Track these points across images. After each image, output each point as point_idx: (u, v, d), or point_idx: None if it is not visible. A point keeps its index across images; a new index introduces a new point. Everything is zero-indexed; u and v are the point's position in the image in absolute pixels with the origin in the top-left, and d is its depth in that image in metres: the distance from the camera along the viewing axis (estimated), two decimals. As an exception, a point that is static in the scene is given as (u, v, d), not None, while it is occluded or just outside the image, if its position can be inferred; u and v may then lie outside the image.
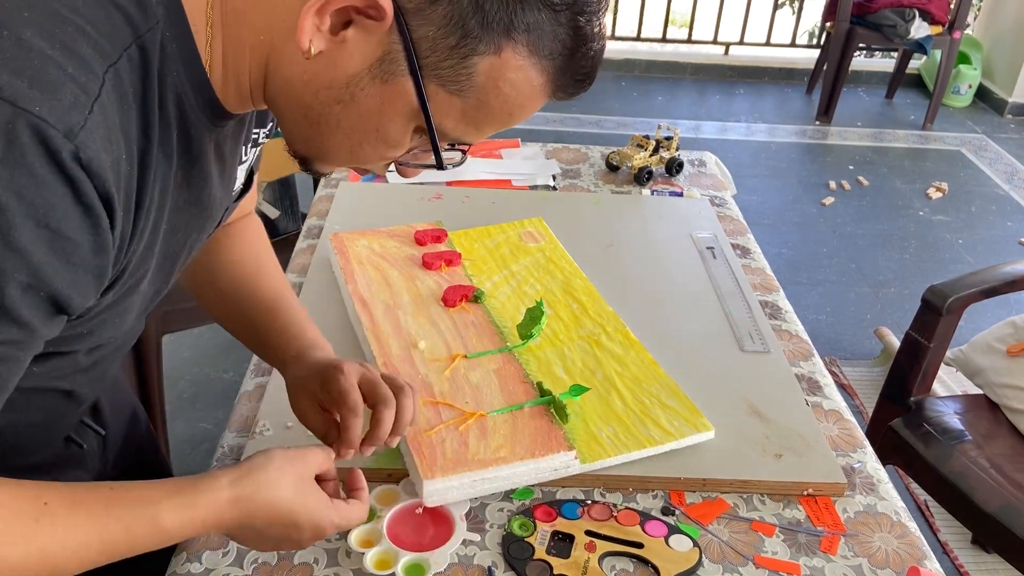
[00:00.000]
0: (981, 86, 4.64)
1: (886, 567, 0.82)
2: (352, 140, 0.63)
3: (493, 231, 1.31)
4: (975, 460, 1.45)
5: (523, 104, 0.61)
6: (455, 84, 0.58)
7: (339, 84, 0.59)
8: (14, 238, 0.49)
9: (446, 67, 0.58)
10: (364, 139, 0.63)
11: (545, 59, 0.58)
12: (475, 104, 0.60)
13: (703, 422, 0.93)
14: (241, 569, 0.78)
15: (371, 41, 0.57)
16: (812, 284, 2.89)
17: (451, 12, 0.55)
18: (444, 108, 0.60)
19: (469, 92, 0.59)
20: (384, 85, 0.59)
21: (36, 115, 0.48)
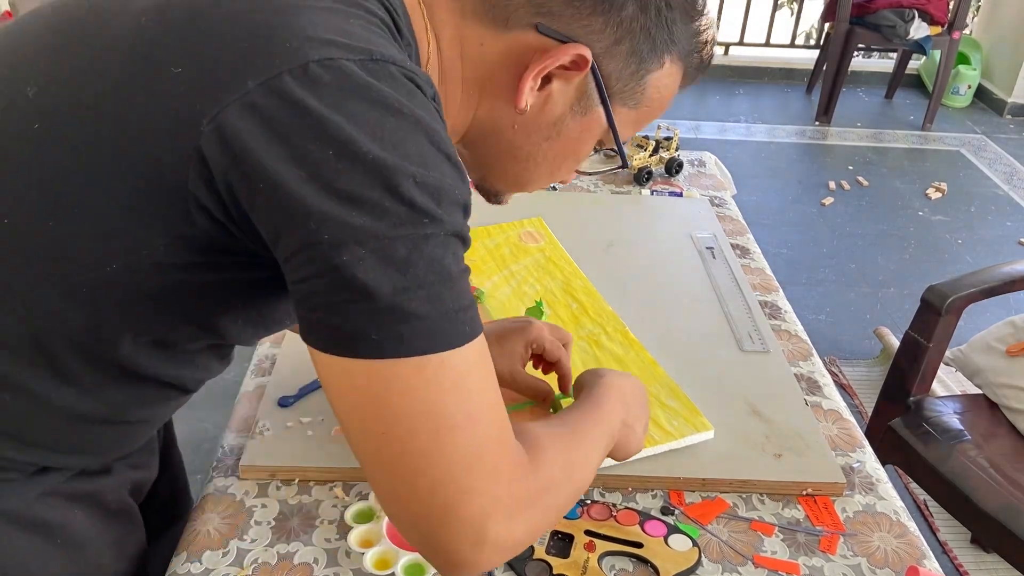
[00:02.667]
0: (980, 86, 4.64)
1: (885, 567, 0.82)
2: (554, 166, 0.73)
3: (493, 231, 1.31)
4: (974, 460, 1.46)
5: (670, 97, 0.72)
6: (632, 100, 0.70)
7: (547, 126, 0.69)
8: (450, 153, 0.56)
9: (627, 90, 0.69)
10: (563, 163, 0.74)
11: (685, 59, 0.70)
12: (643, 111, 0.71)
13: (703, 422, 0.93)
14: (241, 569, 0.78)
15: (571, 87, 0.67)
16: (812, 284, 2.89)
17: (631, 47, 0.66)
18: (623, 121, 0.71)
19: (640, 103, 0.70)
20: (583, 118, 0.69)
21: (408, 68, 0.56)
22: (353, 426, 0.56)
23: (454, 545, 0.56)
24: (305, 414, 0.94)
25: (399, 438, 0.54)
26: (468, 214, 0.57)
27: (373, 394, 0.53)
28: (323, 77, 0.52)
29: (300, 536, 0.81)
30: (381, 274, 0.52)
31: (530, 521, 0.59)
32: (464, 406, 0.55)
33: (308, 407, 0.95)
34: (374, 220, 0.51)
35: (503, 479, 0.56)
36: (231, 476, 0.88)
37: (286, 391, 0.97)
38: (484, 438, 0.56)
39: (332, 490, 0.86)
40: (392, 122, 0.53)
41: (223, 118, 0.52)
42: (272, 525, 0.82)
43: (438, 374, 0.54)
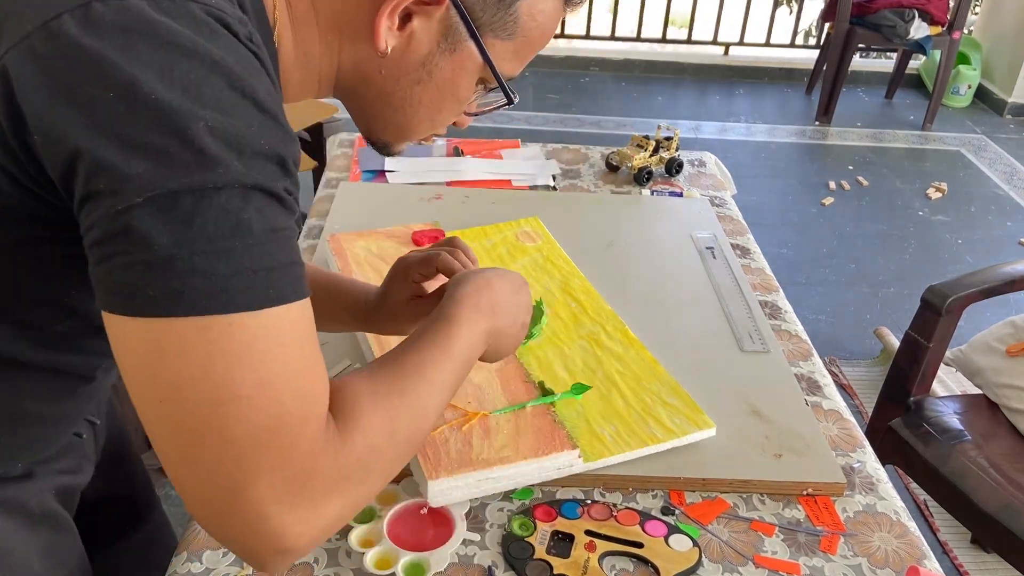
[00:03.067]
0: (980, 86, 4.64)
1: (885, 567, 0.82)
2: (432, 111, 0.70)
3: (490, 231, 1.31)
4: (974, 460, 1.46)
5: (553, 26, 0.69)
6: (504, 31, 0.66)
7: (415, 67, 0.66)
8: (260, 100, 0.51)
9: (496, 20, 0.65)
10: (443, 106, 0.70)
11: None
12: (521, 42, 0.68)
13: (704, 419, 0.93)
14: (241, 568, 0.78)
15: (433, 23, 0.64)
16: (812, 284, 2.89)
17: None
18: (499, 54, 0.67)
19: (515, 33, 0.67)
20: (452, 55, 0.66)
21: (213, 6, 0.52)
22: (133, 392, 0.51)
23: (245, 533, 0.51)
24: (305, 414, 0.94)
25: (178, 406, 0.49)
26: (287, 168, 0.53)
27: (150, 356, 0.49)
28: (105, 15, 0.48)
29: (300, 536, 0.81)
30: (161, 225, 0.47)
31: (344, 498, 0.55)
32: (255, 374, 0.49)
33: (308, 407, 0.95)
34: (157, 167, 0.47)
35: (302, 457, 0.51)
36: (231, 476, 0.88)
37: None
38: (279, 412, 0.50)
39: (332, 490, 0.86)
40: (184, 63, 0.49)
41: (3, 65, 0.49)
42: (272, 525, 0.82)
43: (224, 337, 0.49)
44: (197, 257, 0.48)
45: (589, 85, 4.56)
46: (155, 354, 0.49)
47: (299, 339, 0.52)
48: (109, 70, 0.48)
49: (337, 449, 0.54)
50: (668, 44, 5.00)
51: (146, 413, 0.50)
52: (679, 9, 5.07)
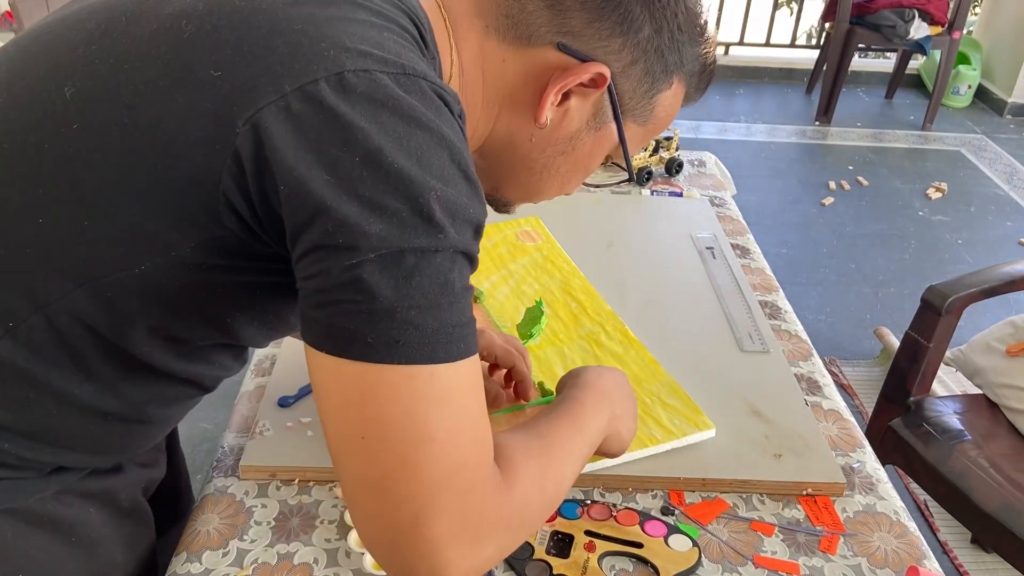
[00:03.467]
0: (980, 86, 4.64)
1: (885, 567, 0.82)
2: (565, 180, 0.76)
3: (490, 231, 1.31)
4: (974, 460, 1.46)
5: (674, 115, 0.76)
6: (642, 118, 0.73)
7: (563, 140, 0.72)
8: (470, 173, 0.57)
9: (639, 108, 0.72)
10: (575, 176, 0.77)
11: (689, 79, 0.73)
12: (650, 128, 0.75)
13: (704, 420, 0.93)
14: (241, 569, 0.78)
15: (587, 103, 0.70)
16: (812, 284, 2.89)
17: (646, 67, 0.69)
18: (631, 136, 0.74)
19: (649, 120, 0.74)
20: (596, 133, 0.72)
21: (438, 85, 0.58)
22: (333, 426, 0.56)
23: (416, 564, 0.55)
24: (305, 414, 0.94)
25: (378, 444, 0.54)
26: (480, 235, 0.58)
27: (359, 396, 0.54)
28: (357, 87, 0.54)
29: (300, 536, 0.81)
30: (387, 280, 0.52)
31: (499, 542, 0.59)
32: (447, 421, 0.55)
33: (308, 407, 0.95)
34: (390, 229, 0.52)
35: (475, 499, 0.56)
36: (231, 476, 0.88)
37: (286, 391, 0.97)
38: (462, 456, 0.55)
39: (332, 490, 0.86)
40: (419, 136, 0.54)
41: (258, 119, 0.53)
42: (272, 525, 0.82)
43: (427, 385, 0.54)
44: (414, 311, 0.53)
45: (589, 85, 4.56)
46: (366, 395, 0.54)
47: (476, 389, 0.58)
48: (358, 136, 0.52)
49: (502, 494, 0.59)
50: (668, 44, 4.99)
51: (342, 446, 0.56)
52: (679, 9, 5.07)
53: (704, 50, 0.72)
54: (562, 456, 0.68)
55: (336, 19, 0.57)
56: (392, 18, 0.61)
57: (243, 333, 0.68)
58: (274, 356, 1.04)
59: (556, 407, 0.75)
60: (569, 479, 0.69)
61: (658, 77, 0.70)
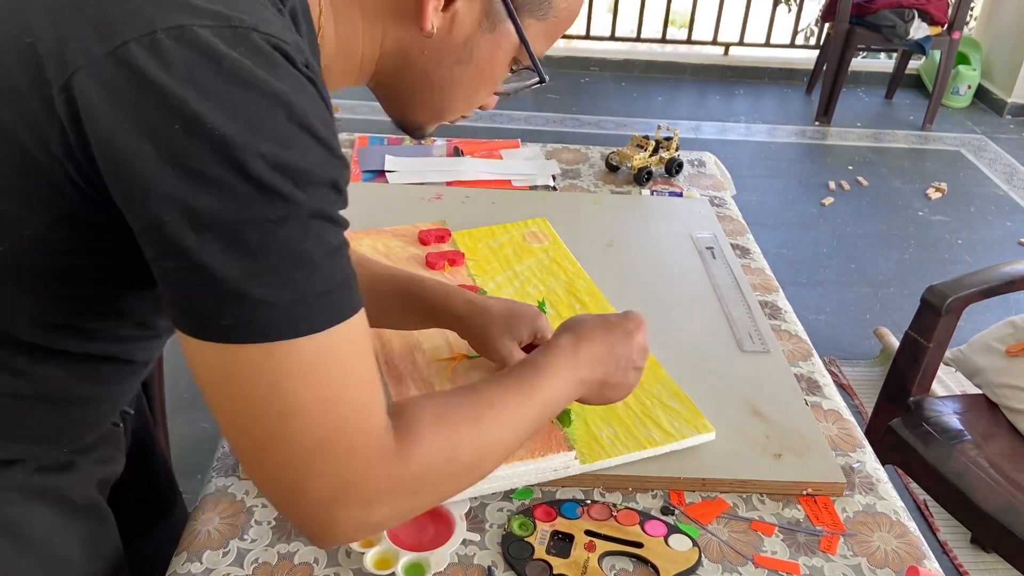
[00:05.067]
0: (980, 87, 4.64)
1: (885, 567, 0.82)
2: (470, 90, 0.72)
3: (497, 231, 1.31)
4: (974, 460, 1.46)
5: (579, 7, 0.72)
6: (539, 11, 0.69)
7: (457, 48, 0.68)
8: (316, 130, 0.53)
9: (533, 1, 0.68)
10: (480, 86, 0.72)
11: None
12: (552, 22, 0.70)
13: (704, 423, 0.93)
14: (241, 569, 0.78)
15: (475, 4, 0.66)
16: (812, 284, 2.89)
17: None
18: (533, 35, 0.70)
19: (548, 13, 0.69)
20: (492, 34, 0.68)
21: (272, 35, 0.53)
22: (209, 401, 0.56)
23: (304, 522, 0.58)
24: (305, 414, 0.94)
25: (249, 420, 0.54)
26: (340, 191, 0.56)
27: (222, 375, 0.54)
28: (171, 48, 0.50)
29: (300, 536, 0.81)
30: (228, 259, 0.50)
31: (396, 505, 0.60)
32: (316, 390, 0.54)
33: (308, 407, 0.95)
34: (220, 201, 0.50)
35: (358, 464, 0.56)
36: (231, 476, 0.88)
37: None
38: (338, 422, 0.55)
39: (332, 490, 0.86)
40: (245, 97, 0.50)
41: (71, 86, 0.51)
42: (272, 525, 0.82)
43: (288, 359, 0.53)
44: (266, 288, 0.51)
45: (589, 85, 4.56)
46: (228, 374, 0.54)
47: (355, 353, 0.56)
48: (174, 102, 0.49)
49: (392, 461, 0.58)
50: (668, 44, 5.00)
51: (221, 420, 0.56)
52: (679, 9, 5.07)
53: None
54: (490, 423, 0.66)
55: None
56: None
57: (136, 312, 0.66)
58: (274, 356, 1.04)
59: (513, 368, 0.74)
60: (499, 448, 0.67)
61: None
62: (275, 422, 0.54)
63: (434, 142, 1.64)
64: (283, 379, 0.53)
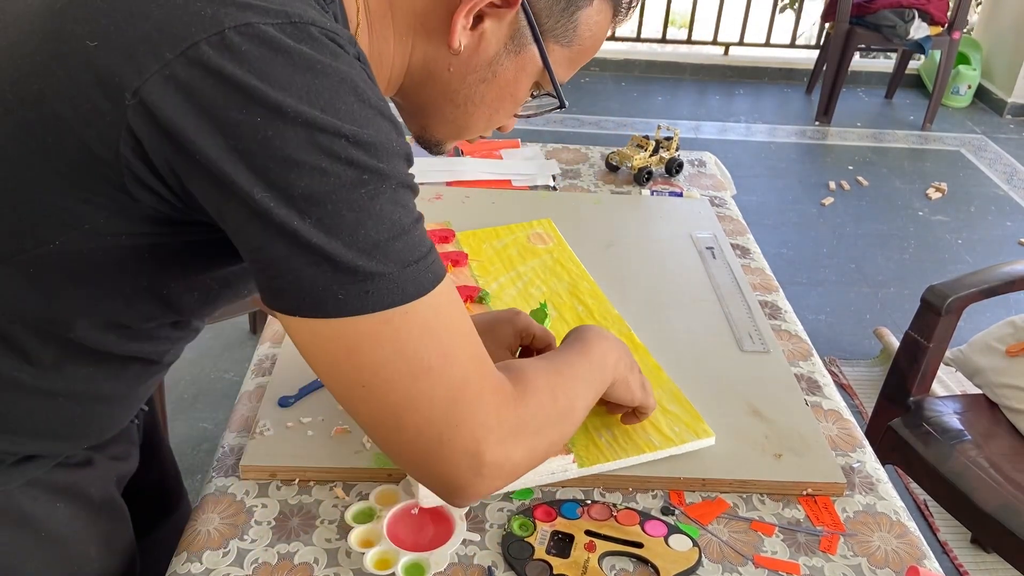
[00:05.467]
0: (980, 86, 4.64)
1: (885, 567, 0.82)
2: (491, 110, 0.74)
3: (501, 232, 1.31)
4: (974, 460, 1.46)
5: (603, 36, 0.73)
6: (564, 38, 0.70)
7: (482, 67, 0.69)
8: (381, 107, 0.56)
9: (559, 27, 0.69)
10: (501, 106, 0.74)
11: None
12: (577, 49, 0.72)
13: (704, 428, 0.93)
14: (241, 569, 0.78)
15: (503, 25, 0.67)
16: (812, 284, 2.89)
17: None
18: (557, 60, 0.71)
19: (573, 40, 0.71)
20: (517, 57, 0.70)
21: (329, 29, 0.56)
22: (333, 383, 0.58)
23: (453, 474, 0.60)
24: (305, 414, 0.94)
25: (379, 388, 0.57)
26: (411, 163, 0.59)
27: (346, 350, 0.56)
28: (241, 44, 0.52)
29: (300, 536, 0.81)
30: (334, 237, 0.53)
31: (526, 444, 0.63)
32: (436, 347, 0.57)
33: (308, 407, 0.95)
34: (316, 183, 0.52)
35: (489, 406, 0.60)
36: (231, 476, 0.88)
37: (286, 391, 0.97)
38: (463, 372, 0.59)
39: (332, 490, 0.86)
40: (319, 83, 0.53)
41: (146, 92, 0.51)
42: (272, 525, 0.82)
43: (406, 323, 0.56)
44: (372, 262, 0.54)
45: (589, 85, 4.56)
46: (352, 348, 0.56)
47: (456, 308, 0.60)
48: (254, 94, 0.51)
49: (516, 402, 0.63)
50: (668, 44, 5.00)
51: (348, 397, 0.58)
52: (679, 9, 5.07)
53: None
54: (574, 379, 0.73)
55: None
56: None
57: (183, 304, 0.67)
58: (274, 356, 1.04)
59: (567, 344, 0.79)
60: (580, 398, 0.73)
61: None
62: (408, 383, 0.57)
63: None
64: (405, 342, 0.56)
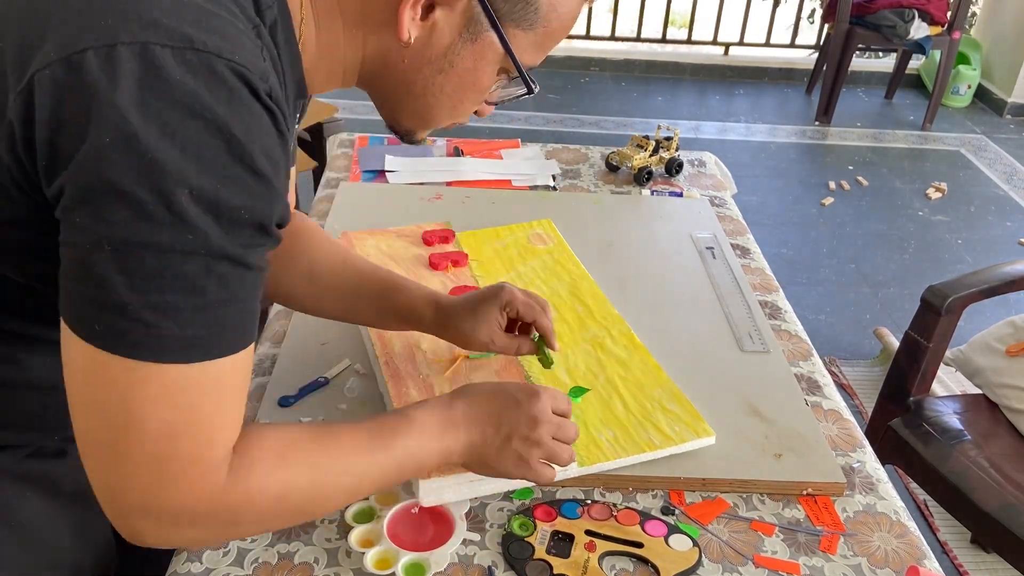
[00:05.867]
0: (980, 86, 4.64)
1: (885, 567, 0.82)
2: (454, 99, 0.71)
3: (502, 232, 1.31)
4: (974, 460, 1.46)
5: (573, 17, 0.70)
6: (526, 21, 0.67)
7: (438, 57, 0.67)
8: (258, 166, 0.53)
9: (518, 11, 0.66)
10: (464, 95, 0.71)
11: None
12: (542, 32, 0.69)
13: (704, 427, 0.93)
14: (241, 569, 0.78)
15: (455, 14, 0.65)
16: (812, 284, 2.89)
17: None
18: (521, 45, 0.68)
19: (536, 23, 0.67)
20: (474, 44, 0.67)
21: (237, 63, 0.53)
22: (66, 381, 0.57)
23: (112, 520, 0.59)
24: (305, 414, 0.94)
25: (92, 415, 0.55)
26: (266, 231, 0.56)
27: (83, 373, 0.55)
28: (126, 63, 0.50)
29: (300, 536, 0.81)
30: (123, 276, 0.51)
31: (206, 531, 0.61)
32: (164, 415, 0.55)
33: (308, 407, 0.95)
34: (133, 219, 0.51)
35: (180, 489, 0.57)
36: (231, 476, 0.88)
37: (286, 391, 0.97)
38: (173, 449, 0.56)
39: (332, 490, 0.86)
40: (189, 125, 0.51)
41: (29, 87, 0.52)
42: (272, 525, 0.82)
43: (147, 381, 0.54)
44: (147, 311, 0.52)
45: (589, 85, 4.56)
46: (87, 373, 0.55)
47: (220, 389, 0.56)
48: (114, 115, 0.50)
49: (215, 492, 0.59)
50: (668, 44, 5.00)
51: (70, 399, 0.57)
52: (679, 9, 5.07)
53: None
54: (335, 470, 0.66)
55: None
56: None
57: None
58: (274, 356, 1.04)
59: (386, 415, 0.73)
60: (336, 496, 0.67)
61: None
62: (113, 430, 0.55)
63: (434, 142, 1.64)
64: (136, 396, 0.54)
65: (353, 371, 1.01)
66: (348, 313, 0.98)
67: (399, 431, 0.71)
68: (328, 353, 1.04)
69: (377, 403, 0.97)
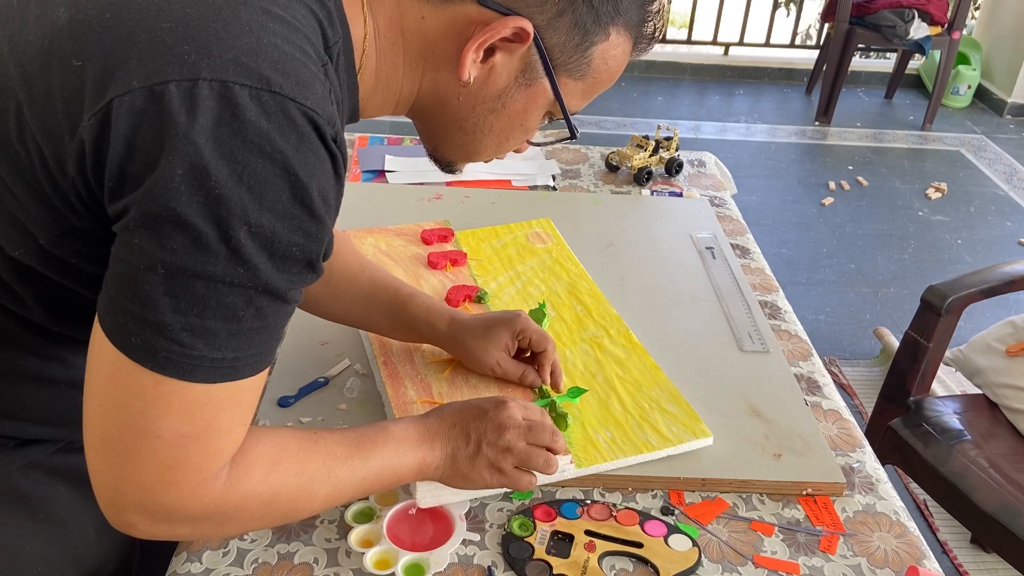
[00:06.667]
0: (980, 86, 4.64)
1: (885, 567, 0.82)
2: (501, 138, 0.74)
3: (500, 231, 1.31)
4: (974, 460, 1.46)
5: (620, 68, 0.73)
6: (578, 72, 0.70)
7: (492, 98, 0.70)
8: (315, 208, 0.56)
9: (572, 62, 0.69)
10: (511, 135, 0.74)
11: (632, 29, 0.70)
12: (590, 82, 0.72)
13: (702, 428, 0.93)
14: (241, 569, 0.78)
15: (514, 59, 0.68)
16: (811, 284, 2.89)
17: (574, 19, 0.67)
18: (569, 92, 0.72)
19: (587, 74, 0.71)
20: (528, 89, 0.70)
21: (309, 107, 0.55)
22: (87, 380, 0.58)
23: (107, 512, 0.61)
24: (305, 414, 0.94)
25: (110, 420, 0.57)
26: (314, 267, 0.59)
27: (108, 375, 0.56)
28: (206, 99, 0.52)
29: (300, 536, 0.81)
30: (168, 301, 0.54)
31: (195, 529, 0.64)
32: (182, 427, 0.57)
33: (308, 407, 0.95)
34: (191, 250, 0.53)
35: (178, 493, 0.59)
36: (231, 476, 0.88)
37: (286, 391, 0.97)
38: (182, 456, 0.58)
39: (332, 490, 0.86)
40: (258, 165, 0.53)
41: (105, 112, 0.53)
42: (272, 525, 0.82)
43: (172, 395, 0.56)
44: (184, 333, 0.54)
45: (589, 85, 4.56)
46: (116, 378, 0.56)
47: (235, 405, 0.59)
48: (188, 149, 0.51)
49: (212, 497, 0.61)
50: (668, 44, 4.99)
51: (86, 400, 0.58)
52: (679, 9, 5.07)
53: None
54: (319, 476, 0.68)
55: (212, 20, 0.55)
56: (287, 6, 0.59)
57: None
58: (274, 356, 1.04)
59: (365, 427, 0.75)
60: (317, 501, 0.69)
61: (590, 29, 0.68)
62: (130, 435, 0.57)
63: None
64: (158, 408, 0.56)
65: (353, 371, 1.01)
66: (360, 319, 0.99)
67: (377, 442, 0.73)
68: (328, 353, 1.04)
69: (376, 403, 0.97)
